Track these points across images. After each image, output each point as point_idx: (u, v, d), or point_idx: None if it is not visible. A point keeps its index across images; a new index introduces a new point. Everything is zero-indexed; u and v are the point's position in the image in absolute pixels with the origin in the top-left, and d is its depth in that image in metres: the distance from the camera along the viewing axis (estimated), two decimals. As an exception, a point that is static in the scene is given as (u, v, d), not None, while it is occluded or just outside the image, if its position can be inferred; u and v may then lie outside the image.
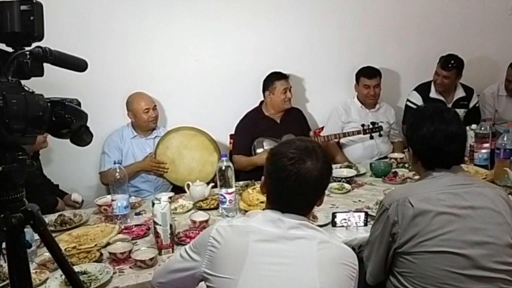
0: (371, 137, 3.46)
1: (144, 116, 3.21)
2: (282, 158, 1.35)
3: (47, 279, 1.77)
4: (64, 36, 2.61)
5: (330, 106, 3.80)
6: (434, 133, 1.64)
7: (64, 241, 2.10)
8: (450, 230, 1.54)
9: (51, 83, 1.56)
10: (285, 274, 1.28)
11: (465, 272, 1.53)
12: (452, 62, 3.68)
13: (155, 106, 3.27)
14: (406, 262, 1.61)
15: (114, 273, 1.81)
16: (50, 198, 2.85)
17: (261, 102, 3.58)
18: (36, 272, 1.79)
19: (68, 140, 1.29)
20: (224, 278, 1.31)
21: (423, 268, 1.57)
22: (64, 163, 3.35)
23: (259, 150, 3.38)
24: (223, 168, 2.33)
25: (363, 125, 3.42)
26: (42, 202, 2.48)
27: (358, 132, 3.43)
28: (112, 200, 2.35)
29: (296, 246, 1.32)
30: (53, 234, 1.69)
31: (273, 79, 3.45)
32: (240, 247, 1.32)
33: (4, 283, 1.67)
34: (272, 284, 1.27)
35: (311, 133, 3.51)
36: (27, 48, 1.18)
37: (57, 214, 2.47)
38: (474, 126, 3.00)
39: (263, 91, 3.50)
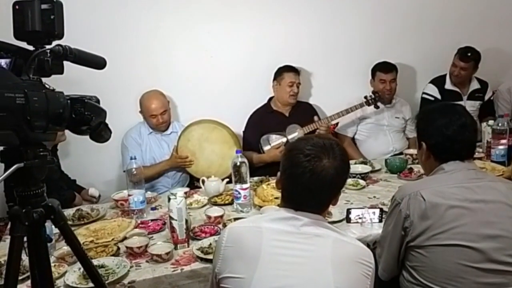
0: (377, 107, 3.41)
1: (152, 120, 3.23)
2: (298, 154, 1.32)
3: (65, 272, 1.80)
4: (83, 34, 2.64)
5: (345, 101, 3.78)
6: (448, 123, 1.67)
7: (81, 235, 2.13)
8: (462, 224, 1.55)
9: (70, 80, 1.58)
10: (298, 273, 1.27)
11: (478, 265, 1.53)
12: (470, 54, 3.68)
13: (164, 111, 3.22)
14: (418, 256, 1.62)
15: (131, 267, 1.84)
16: (67, 193, 2.90)
17: (270, 98, 3.59)
18: (55, 265, 1.82)
19: (86, 136, 1.32)
20: (238, 278, 1.30)
21: (435, 262, 1.57)
22: (81, 158, 3.40)
23: (266, 148, 3.38)
24: (238, 163, 2.34)
25: (365, 97, 3.39)
26: (59, 197, 2.51)
27: (361, 105, 3.40)
28: (129, 195, 2.37)
29: (310, 245, 1.30)
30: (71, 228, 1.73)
31: (282, 70, 3.48)
32: (253, 247, 1.31)
33: (24, 276, 1.70)
34: (286, 283, 1.26)
35: (315, 118, 3.48)
36: (47, 47, 1.20)
37: (74, 208, 2.51)
38: (491, 122, 2.96)
39: (273, 82, 3.52)
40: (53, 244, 1.97)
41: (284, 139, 3.35)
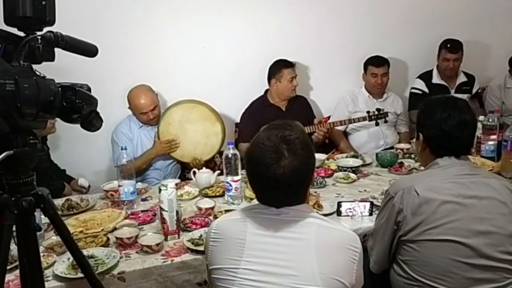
0: (377, 124, 3.43)
1: (143, 117, 3.19)
2: (257, 165, 1.32)
3: (54, 262, 1.79)
4: (75, 21, 2.60)
5: (337, 95, 3.80)
6: (447, 118, 1.65)
7: (71, 225, 2.11)
8: (455, 219, 1.55)
9: (60, 68, 1.56)
10: (282, 262, 1.29)
11: (469, 261, 1.54)
12: (457, 44, 3.81)
13: (154, 107, 3.16)
14: (410, 250, 1.62)
15: (121, 257, 1.83)
16: (57, 183, 2.88)
17: (266, 91, 3.58)
18: (43, 255, 1.80)
19: (75, 125, 1.30)
20: (225, 268, 1.33)
21: (427, 256, 1.58)
22: (71, 148, 3.37)
23: None
24: (230, 156, 2.33)
25: (368, 112, 3.40)
26: (49, 186, 2.48)
27: (364, 119, 3.40)
28: (119, 186, 2.36)
29: (294, 233, 1.32)
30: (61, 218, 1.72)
31: (280, 67, 3.45)
32: (238, 238, 1.34)
33: (12, 265, 1.69)
34: (271, 272, 1.29)
35: (315, 121, 3.50)
36: (38, 33, 1.19)
37: (64, 198, 2.48)
38: (481, 117, 2.99)
39: (269, 79, 3.50)
40: (42, 234, 1.96)
41: None
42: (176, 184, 2.47)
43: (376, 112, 3.36)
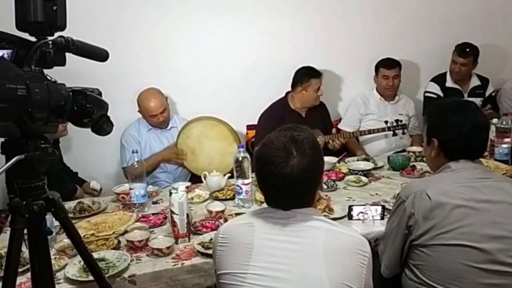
0: (395, 134, 3.45)
1: (152, 119, 3.21)
2: (265, 164, 1.32)
3: (66, 265, 1.80)
4: (85, 26, 2.62)
5: (348, 97, 3.79)
6: (463, 121, 1.63)
7: (82, 228, 2.13)
8: (468, 224, 1.53)
9: (71, 73, 1.57)
10: (290, 267, 1.28)
11: (482, 266, 1.52)
12: (468, 49, 3.74)
13: (163, 110, 3.18)
14: (421, 254, 1.60)
15: (132, 260, 1.84)
16: (69, 186, 2.90)
17: (286, 93, 3.52)
18: (55, 258, 1.82)
19: (88, 129, 1.31)
20: (233, 273, 1.33)
21: (439, 261, 1.56)
22: (83, 151, 3.40)
23: None
24: (240, 159, 2.33)
25: (386, 122, 3.40)
26: (61, 189, 2.52)
27: (383, 130, 3.43)
28: (130, 189, 2.37)
29: (302, 237, 1.31)
30: (72, 221, 1.73)
31: (308, 76, 3.39)
32: (246, 242, 1.33)
33: (24, 268, 1.70)
34: (278, 277, 1.28)
35: (334, 130, 3.50)
36: (50, 38, 1.19)
37: (76, 201, 2.51)
38: (495, 120, 2.95)
39: (294, 85, 3.44)
40: (54, 237, 1.97)
41: None
42: (187, 187, 2.47)
43: (395, 124, 3.41)
